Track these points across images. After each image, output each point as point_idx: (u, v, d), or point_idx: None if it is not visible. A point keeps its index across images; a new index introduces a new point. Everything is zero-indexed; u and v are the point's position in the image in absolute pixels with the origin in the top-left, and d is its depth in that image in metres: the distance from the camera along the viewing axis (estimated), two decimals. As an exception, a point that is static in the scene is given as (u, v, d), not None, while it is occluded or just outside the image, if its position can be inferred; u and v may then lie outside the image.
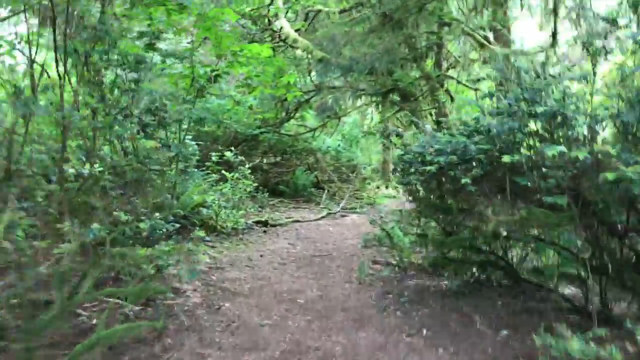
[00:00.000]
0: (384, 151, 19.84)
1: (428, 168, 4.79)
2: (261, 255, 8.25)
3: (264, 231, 10.74)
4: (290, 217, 12.73)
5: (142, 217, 6.33)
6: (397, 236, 7.28)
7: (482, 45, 9.49)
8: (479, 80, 10.55)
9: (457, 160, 4.64)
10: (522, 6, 11.72)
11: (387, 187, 19.89)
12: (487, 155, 4.48)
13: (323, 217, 13.33)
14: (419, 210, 6.49)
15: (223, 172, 10.16)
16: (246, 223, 10.68)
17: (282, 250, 8.87)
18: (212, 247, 8.43)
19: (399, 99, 9.82)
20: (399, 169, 6.40)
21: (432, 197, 5.70)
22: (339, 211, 14.23)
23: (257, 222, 11.27)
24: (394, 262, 7.71)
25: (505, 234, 4.70)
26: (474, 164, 4.61)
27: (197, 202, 8.77)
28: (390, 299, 6.01)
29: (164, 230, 6.38)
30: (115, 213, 5.92)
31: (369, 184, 19.41)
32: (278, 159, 17.25)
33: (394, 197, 18.71)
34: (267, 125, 15.34)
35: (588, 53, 4.94)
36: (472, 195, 4.74)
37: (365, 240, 9.45)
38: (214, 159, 10.72)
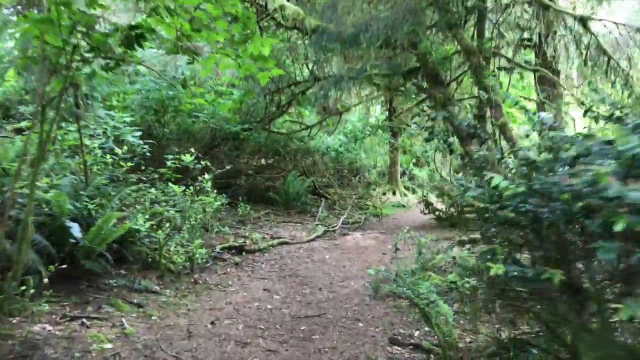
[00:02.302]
0: (392, 152, 16.47)
1: None
2: (212, 322, 4.94)
3: (236, 263, 7.43)
4: (276, 237, 9.44)
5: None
6: (438, 313, 3.96)
7: (546, 8, 6.19)
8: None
9: None
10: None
11: (394, 194, 16.58)
12: None
13: (319, 236, 10.03)
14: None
15: (171, 184, 6.83)
16: (212, 251, 7.39)
17: (250, 307, 5.56)
18: (138, 306, 5.12)
19: (424, 82, 6.53)
20: (490, 221, 2.78)
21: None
22: (338, 227, 10.92)
23: (229, 248, 7.98)
24: (426, 345, 4.41)
25: None
26: None
27: (121, 232, 5.46)
28: None
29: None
30: None
31: (374, 189, 16.09)
32: (269, 161, 13.93)
33: (404, 206, 15.43)
34: (253, 122, 12.01)
35: None
36: None
37: (375, 288, 6.17)
38: (169, 163, 7.40)
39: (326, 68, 10.13)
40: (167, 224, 6.46)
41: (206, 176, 7.08)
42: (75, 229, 5.06)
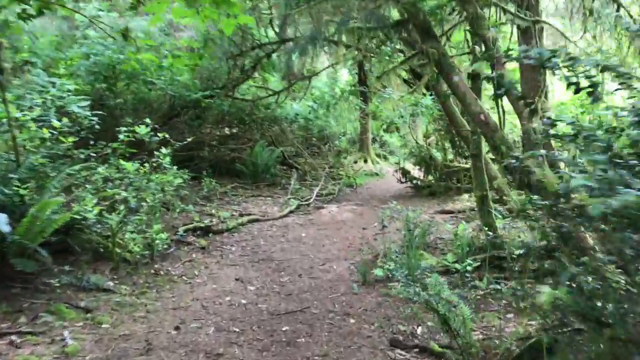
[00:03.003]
0: (363, 118, 15.61)
1: None
2: (177, 327, 4.09)
3: (202, 247, 6.55)
4: (246, 214, 8.56)
5: None
6: (459, 319, 3.20)
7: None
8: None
9: None
10: None
11: (365, 162, 15.80)
12: None
13: (292, 211, 9.19)
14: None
15: (122, 162, 5.82)
16: (175, 234, 6.50)
17: (220, 302, 4.73)
18: (86, 310, 4.21)
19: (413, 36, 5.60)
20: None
21: None
22: (312, 200, 10.08)
23: (194, 230, 7.08)
24: (435, 348, 3.67)
25: None
26: None
27: (62, 221, 4.49)
28: None
29: None
30: None
31: (345, 158, 15.25)
32: (234, 130, 12.88)
33: (377, 174, 14.69)
34: (215, 88, 10.92)
35: None
36: None
37: (363, 273, 5.41)
38: (122, 137, 6.35)
39: (294, 28, 9.13)
40: (122, 207, 5.50)
41: (163, 150, 6.07)
42: (2, 221, 4.06)
